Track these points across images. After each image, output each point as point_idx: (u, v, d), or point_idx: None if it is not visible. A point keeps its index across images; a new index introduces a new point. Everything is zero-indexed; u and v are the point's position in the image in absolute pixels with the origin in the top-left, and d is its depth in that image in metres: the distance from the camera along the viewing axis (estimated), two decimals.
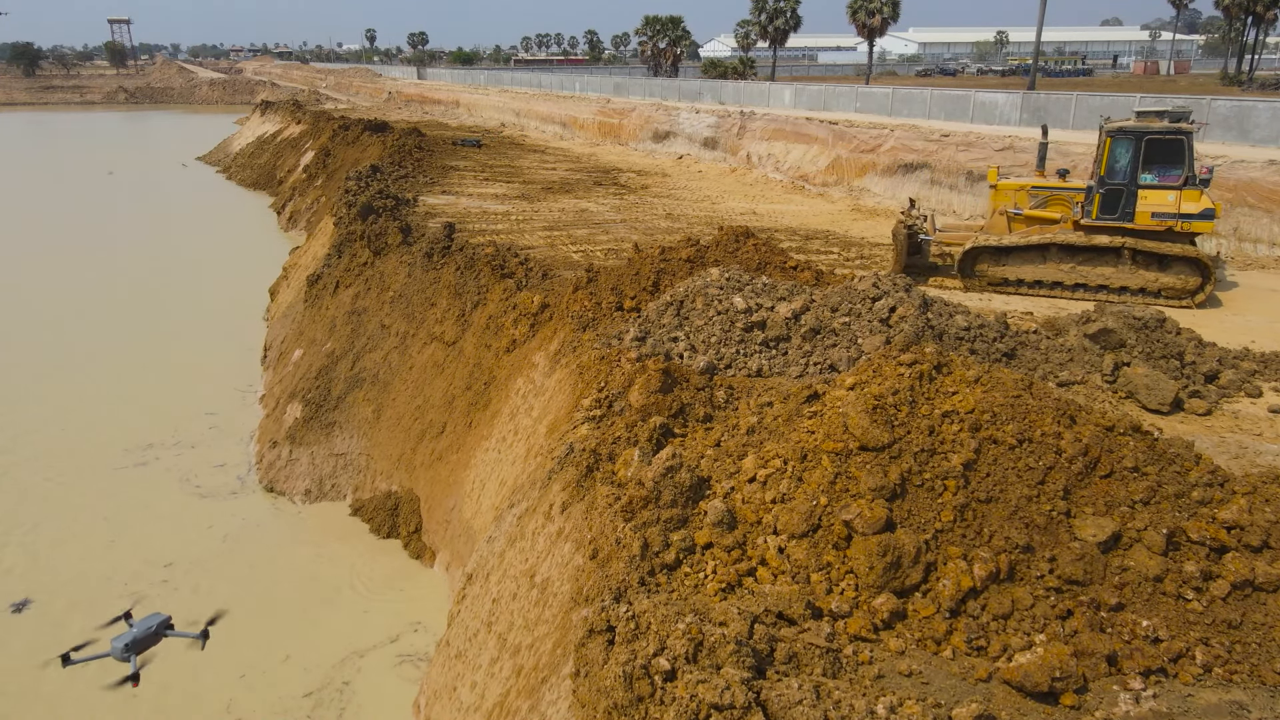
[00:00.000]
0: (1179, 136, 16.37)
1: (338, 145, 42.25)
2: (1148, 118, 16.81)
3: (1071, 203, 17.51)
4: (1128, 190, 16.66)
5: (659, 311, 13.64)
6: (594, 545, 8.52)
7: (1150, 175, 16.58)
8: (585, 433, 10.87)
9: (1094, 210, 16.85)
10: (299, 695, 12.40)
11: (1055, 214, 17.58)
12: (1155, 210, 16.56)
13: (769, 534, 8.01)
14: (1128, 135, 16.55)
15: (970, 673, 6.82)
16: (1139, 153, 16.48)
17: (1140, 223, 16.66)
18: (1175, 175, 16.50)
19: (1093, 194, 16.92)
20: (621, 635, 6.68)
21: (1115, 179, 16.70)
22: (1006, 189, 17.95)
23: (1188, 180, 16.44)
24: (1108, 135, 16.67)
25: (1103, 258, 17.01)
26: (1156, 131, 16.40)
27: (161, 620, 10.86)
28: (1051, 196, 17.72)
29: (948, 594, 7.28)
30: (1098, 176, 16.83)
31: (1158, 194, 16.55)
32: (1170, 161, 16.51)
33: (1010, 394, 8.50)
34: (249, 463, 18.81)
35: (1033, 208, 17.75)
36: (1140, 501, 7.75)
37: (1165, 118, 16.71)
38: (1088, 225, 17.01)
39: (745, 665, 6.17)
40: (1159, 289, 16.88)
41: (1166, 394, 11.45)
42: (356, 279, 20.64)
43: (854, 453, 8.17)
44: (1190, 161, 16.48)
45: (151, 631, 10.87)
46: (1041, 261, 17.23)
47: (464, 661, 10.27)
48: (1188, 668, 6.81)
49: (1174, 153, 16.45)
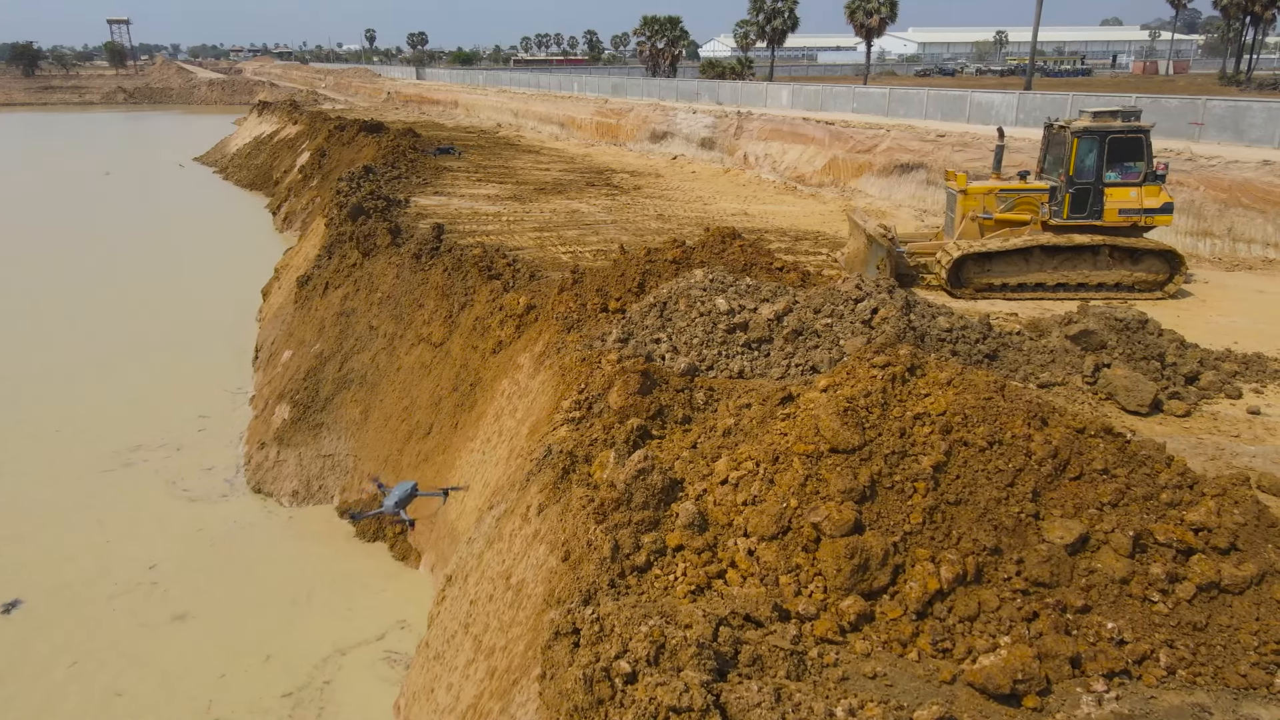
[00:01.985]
0: (1138, 135, 17.02)
1: (333, 146, 42.29)
2: (1103, 117, 17.25)
3: (1039, 203, 17.68)
4: (1094, 189, 17.14)
5: (642, 313, 13.66)
6: (566, 547, 8.55)
7: (1114, 173, 17.10)
8: (564, 435, 10.89)
9: (1064, 210, 17.26)
10: (279, 695, 12.42)
11: (1025, 216, 17.73)
12: (1121, 207, 17.14)
13: (739, 536, 8.03)
14: (1093, 135, 17.00)
15: (935, 675, 6.84)
16: (1103, 151, 16.94)
17: (1109, 220, 17.21)
18: (1136, 172, 17.09)
19: (1058, 194, 17.33)
20: (586, 638, 6.71)
21: (1083, 178, 17.14)
22: (976, 193, 18.01)
23: (1148, 176, 17.08)
24: (1074, 135, 17.05)
25: (1080, 256, 17.36)
26: (1118, 130, 16.95)
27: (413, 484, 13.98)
28: (1019, 198, 17.80)
29: (914, 596, 7.30)
30: (1066, 176, 17.18)
31: (1121, 191, 17.13)
32: (1131, 159, 17.10)
33: (982, 396, 8.52)
34: (237, 465, 18.83)
35: (1002, 211, 17.83)
36: (1109, 504, 7.77)
37: (1118, 117, 17.21)
38: (1058, 225, 17.36)
39: (706, 668, 6.19)
40: (1132, 283, 17.43)
41: (1146, 395, 11.46)
42: (346, 280, 20.67)
43: (825, 455, 8.19)
44: (1149, 158, 17.13)
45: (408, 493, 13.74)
46: (1024, 264, 17.40)
47: (442, 663, 10.30)
48: (1152, 670, 6.82)
49: (1134, 150, 17.08)
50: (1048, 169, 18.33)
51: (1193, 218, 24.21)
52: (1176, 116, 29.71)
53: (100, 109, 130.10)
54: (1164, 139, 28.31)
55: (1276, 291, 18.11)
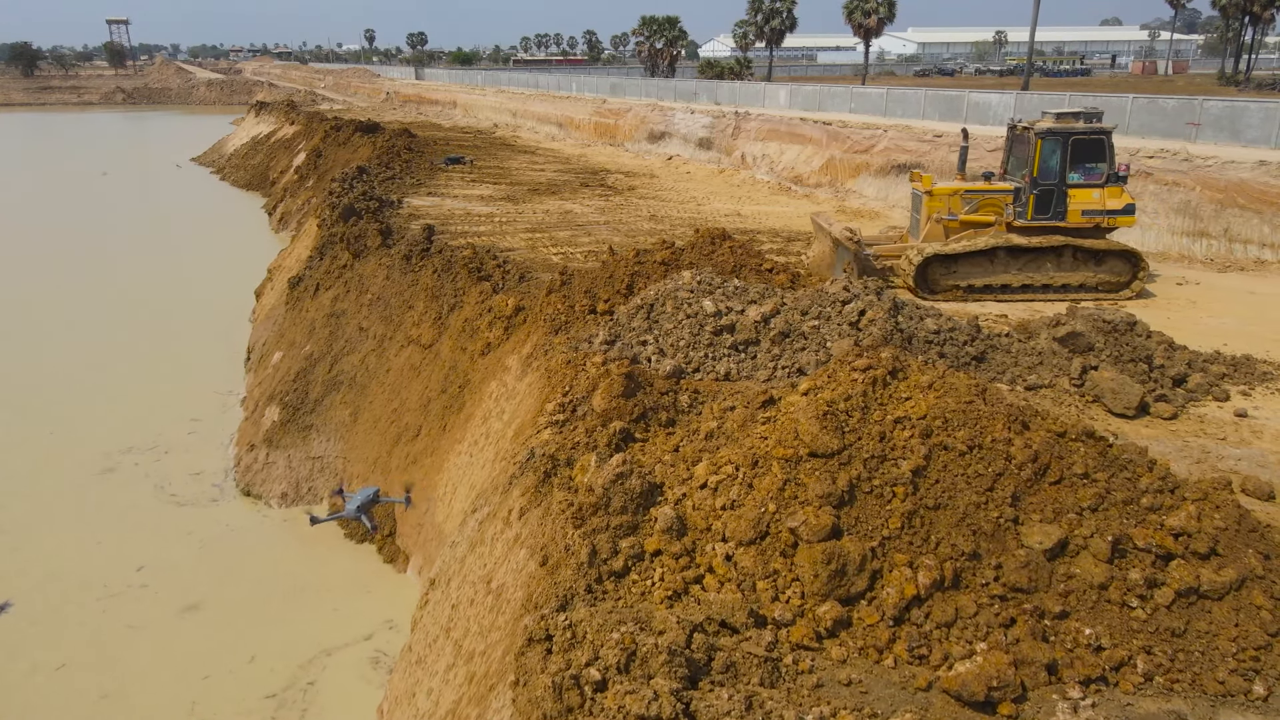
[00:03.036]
0: (1100, 136, 17.09)
1: (329, 146, 42.26)
2: (1066, 119, 17.29)
3: (1003, 204, 17.68)
4: (1058, 190, 17.20)
5: (630, 315, 13.61)
6: (544, 552, 8.50)
7: (1076, 174, 17.19)
8: (547, 438, 10.83)
9: (1029, 211, 17.30)
10: (262, 696, 12.39)
11: (989, 217, 17.71)
12: (1084, 208, 17.23)
13: (718, 541, 7.98)
14: (1056, 136, 17.04)
15: (910, 681, 6.79)
16: (1066, 153, 17.00)
17: (1072, 221, 17.29)
18: (1098, 174, 17.18)
19: (1022, 195, 17.37)
20: (558, 644, 6.66)
21: (1047, 179, 17.19)
22: (941, 194, 17.97)
23: (1110, 178, 17.19)
24: (1037, 137, 17.07)
25: (1044, 257, 17.40)
26: (1081, 132, 17.01)
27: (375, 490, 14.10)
28: (983, 200, 17.77)
29: (891, 602, 7.25)
30: (1030, 177, 17.23)
31: (1084, 192, 17.23)
32: (1093, 160, 17.18)
33: (963, 399, 8.46)
34: (227, 468, 18.78)
35: (967, 212, 17.79)
36: (1088, 508, 7.71)
37: (1080, 118, 17.26)
38: (1023, 226, 17.37)
39: (677, 676, 6.14)
40: (1096, 284, 17.53)
41: (1132, 398, 11.40)
42: (336, 281, 20.63)
43: (804, 459, 8.13)
44: (1112, 159, 17.23)
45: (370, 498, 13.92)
46: (989, 265, 17.40)
47: (423, 668, 10.25)
48: (1129, 676, 6.77)
49: (1096, 152, 17.15)
50: (1012, 170, 18.33)
51: (1189, 218, 24.15)
52: (1173, 117, 29.64)
53: (98, 109, 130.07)
54: (1161, 139, 28.28)
55: (1268, 293, 18.06)
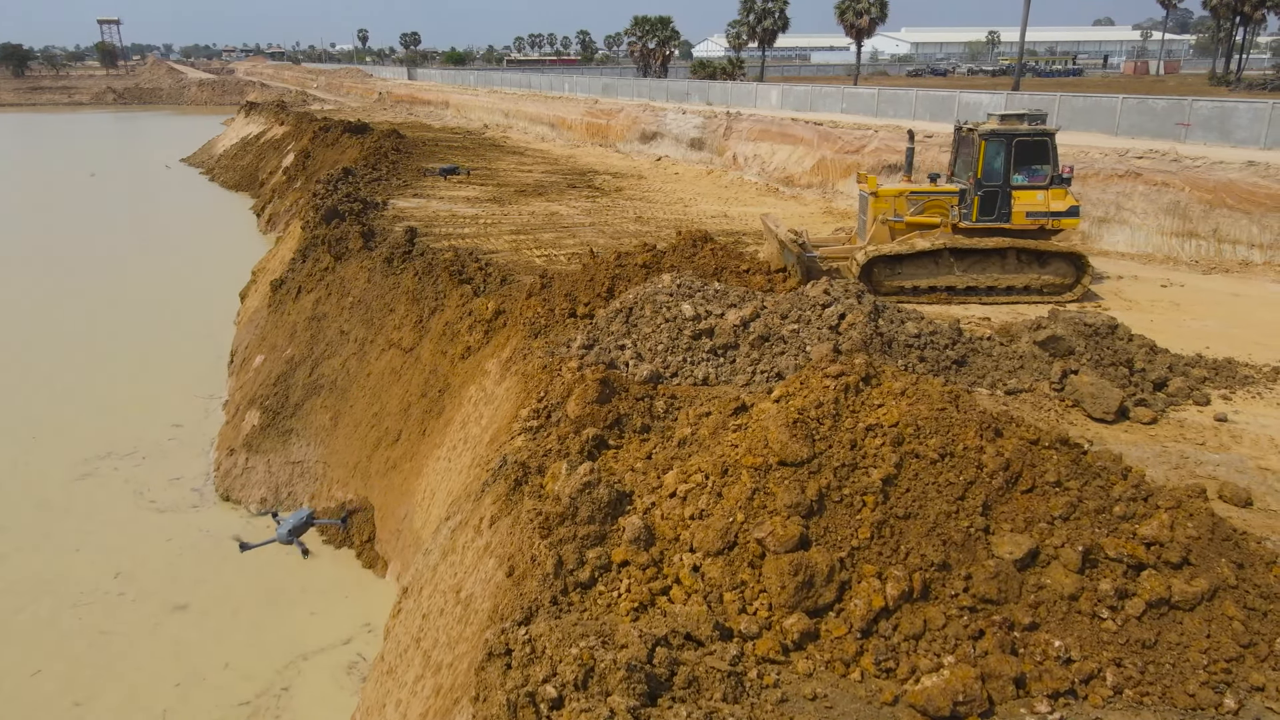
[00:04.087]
0: (1044, 138, 17.10)
1: (317, 147, 42.04)
2: (1010, 120, 17.30)
3: (948, 206, 17.63)
4: (1002, 191, 17.20)
5: (608, 319, 13.48)
6: (511, 562, 8.36)
7: (1020, 176, 17.20)
8: (520, 444, 10.70)
9: (973, 213, 17.29)
10: (235, 703, 12.26)
11: (935, 219, 17.65)
12: (1029, 210, 17.25)
13: (685, 551, 7.86)
14: (999, 138, 17.04)
15: (877, 696, 6.67)
16: (1010, 155, 16.99)
17: (1017, 222, 17.30)
18: (1042, 175, 17.20)
19: (967, 196, 17.34)
20: (518, 659, 6.52)
21: (991, 181, 17.18)
22: (887, 195, 17.91)
23: (1054, 179, 17.21)
24: (981, 138, 17.07)
25: (989, 259, 17.38)
26: (1024, 134, 17.03)
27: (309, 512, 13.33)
28: (929, 201, 17.69)
29: (859, 614, 7.13)
30: (975, 179, 17.22)
31: (1029, 194, 17.25)
32: (1037, 162, 17.20)
33: (935, 406, 8.35)
34: (207, 473, 18.60)
35: (912, 213, 17.72)
36: (1060, 517, 7.61)
37: (1024, 120, 17.29)
38: (968, 228, 17.34)
39: (635, 692, 6.01)
40: (1041, 286, 17.49)
41: (1111, 402, 11.31)
42: (318, 284, 20.45)
43: (773, 468, 8.01)
44: (1055, 161, 17.25)
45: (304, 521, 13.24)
46: (934, 266, 17.34)
47: (394, 678, 10.10)
48: (1098, 689, 6.66)
49: (1040, 154, 17.16)
50: (959, 172, 18.30)
51: (1178, 219, 24.09)
52: (1163, 117, 29.61)
53: (89, 109, 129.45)
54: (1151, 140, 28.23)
55: (1252, 295, 17.99)
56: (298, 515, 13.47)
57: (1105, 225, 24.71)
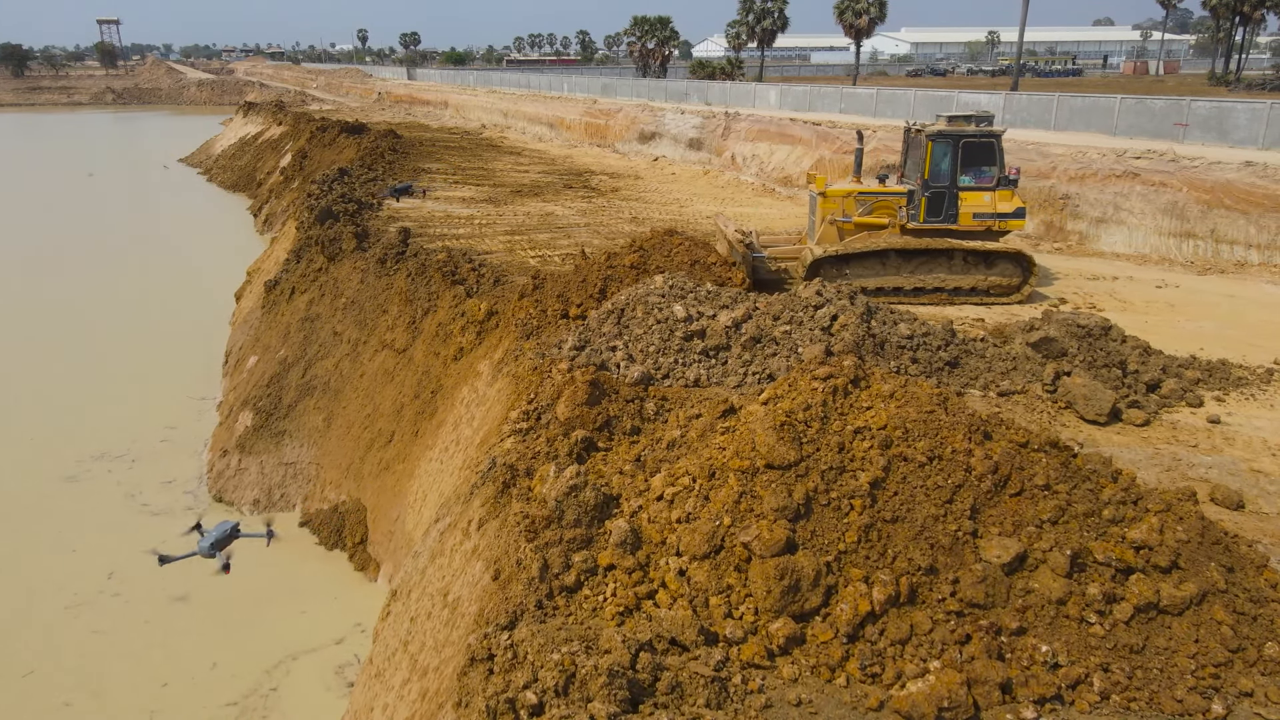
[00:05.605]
0: (990, 139, 17.11)
1: (314, 147, 41.98)
2: (958, 122, 17.30)
3: (897, 207, 17.58)
4: (949, 193, 17.20)
5: (600, 320, 13.43)
6: (497, 566, 8.31)
7: (967, 177, 17.20)
8: (509, 446, 10.64)
9: (921, 214, 17.28)
10: (222, 704, 12.24)
11: (883, 220, 17.59)
12: (975, 211, 17.25)
13: (672, 555, 7.80)
14: (946, 139, 17.01)
15: (862, 701, 6.62)
16: (957, 156, 16.99)
17: (963, 223, 17.31)
18: (989, 177, 17.22)
19: (916, 197, 17.31)
20: (499, 665, 6.48)
21: (938, 182, 17.17)
22: (835, 195, 17.83)
23: (1000, 181, 17.23)
24: (928, 139, 17.05)
25: (936, 260, 17.34)
26: (971, 135, 17.03)
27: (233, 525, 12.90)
28: (877, 202, 17.65)
29: (845, 618, 7.07)
30: (922, 180, 17.20)
31: (975, 195, 17.26)
32: (984, 163, 17.19)
33: (924, 409, 8.29)
34: (200, 474, 18.55)
35: (861, 214, 17.66)
36: (1048, 521, 7.55)
37: (971, 121, 17.28)
38: (915, 229, 17.33)
39: (616, 699, 5.96)
40: (987, 287, 17.46)
41: (1104, 404, 11.25)
42: (312, 285, 20.40)
43: (761, 471, 7.95)
44: (1002, 163, 17.27)
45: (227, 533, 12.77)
46: (881, 267, 17.26)
47: (381, 682, 10.05)
48: (1085, 695, 6.61)
49: (987, 155, 17.16)
50: (909, 173, 18.24)
51: (1176, 219, 24.05)
52: (1161, 117, 29.58)
53: (88, 109, 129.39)
54: (1149, 140, 28.19)
55: (1247, 296, 17.92)
56: (221, 528, 13.13)
57: (1103, 226, 24.66)
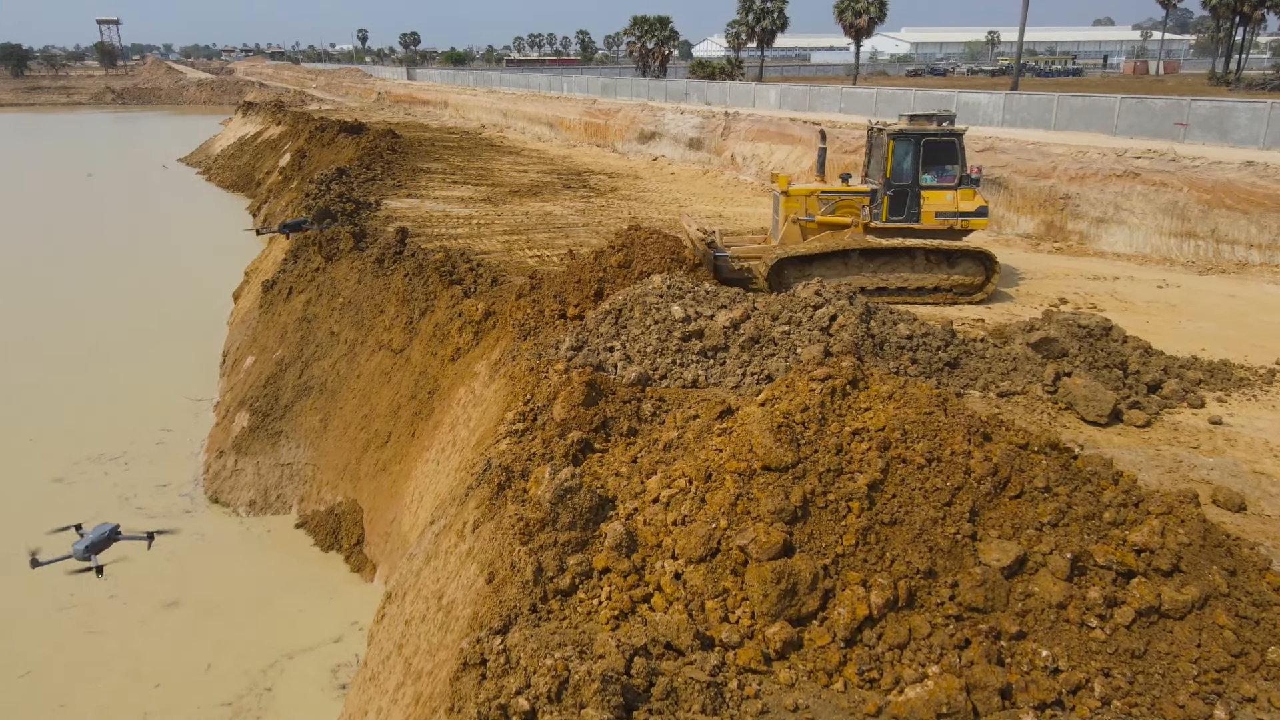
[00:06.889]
0: (952, 138, 17.05)
1: (314, 147, 41.89)
2: (919, 121, 17.26)
3: (859, 206, 17.51)
4: (911, 191, 17.14)
5: (598, 320, 13.35)
6: (492, 568, 8.22)
7: (929, 176, 17.15)
8: (505, 448, 10.56)
9: (883, 213, 17.23)
10: (217, 704, 12.17)
11: (846, 219, 17.49)
12: (938, 210, 17.20)
13: (667, 558, 7.71)
14: (908, 138, 16.94)
15: (860, 707, 6.53)
16: (919, 155, 16.93)
17: (926, 223, 17.25)
18: (951, 176, 17.16)
19: (878, 197, 17.25)
20: (492, 670, 6.39)
21: (900, 181, 17.10)
22: (798, 195, 17.72)
23: (962, 180, 17.19)
24: (889, 138, 16.97)
25: (898, 259, 17.21)
26: (932, 134, 16.97)
27: (112, 527, 12.40)
28: (840, 201, 17.56)
29: (843, 622, 6.99)
30: (884, 179, 17.14)
31: (937, 194, 17.20)
32: (945, 162, 17.13)
33: (923, 410, 8.21)
34: (196, 475, 18.46)
35: (824, 213, 17.56)
36: (1049, 523, 7.47)
37: (933, 120, 17.25)
38: (878, 228, 17.27)
39: (610, 705, 5.87)
40: (950, 286, 17.34)
41: (1105, 405, 11.16)
42: (309, 285, 20.32)
43: (757, 473, 7.87)
44: (964, 162, 17.22)
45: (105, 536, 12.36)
46: (844, 267, 17.12)
47: (375, 685, 9.96)
48: (1086, 700, 6.52)
49: (948, 154, 17.10)
50: (872, 172, 18.16)
51: (1177, 219, 23.97)
52: (1162, 117, 29.49)
53: (88, 109, 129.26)
54: (1149, 140, 28.09)
55: (1248, 296, 17.83)
56: (99, 530, 12.73)
57: (1103, 226, 24.58)
